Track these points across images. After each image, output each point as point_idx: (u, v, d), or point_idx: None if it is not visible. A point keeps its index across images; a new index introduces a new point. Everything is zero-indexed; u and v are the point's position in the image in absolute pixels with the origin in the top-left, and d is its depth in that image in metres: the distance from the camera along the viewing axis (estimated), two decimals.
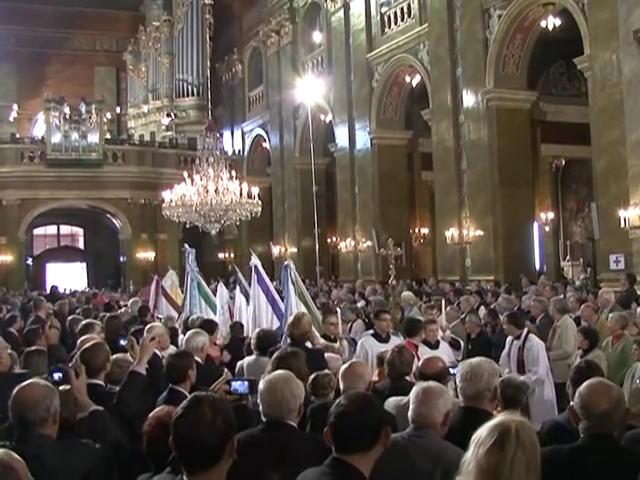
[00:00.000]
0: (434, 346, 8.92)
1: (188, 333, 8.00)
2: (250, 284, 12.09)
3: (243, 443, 3.68)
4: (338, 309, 10.80)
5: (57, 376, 5.07)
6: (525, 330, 9.43)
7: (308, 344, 8.07)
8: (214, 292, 14.31)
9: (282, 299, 11.15)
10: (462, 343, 10.46)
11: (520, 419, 2.92)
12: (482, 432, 2.82)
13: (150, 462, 3.98)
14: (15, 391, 4.13)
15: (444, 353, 8.54)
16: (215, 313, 13.10)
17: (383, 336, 9.17)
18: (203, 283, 13.94)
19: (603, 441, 3.91)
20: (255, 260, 11.72)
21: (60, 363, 6.01)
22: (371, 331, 9.88)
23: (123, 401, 5.10)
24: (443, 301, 12.08)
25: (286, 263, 11.09)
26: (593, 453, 3.87)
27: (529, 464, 2.76)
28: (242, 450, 3.12)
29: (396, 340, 8.95)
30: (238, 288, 12.90)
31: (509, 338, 9.61)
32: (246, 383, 3.91)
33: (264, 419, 4.38)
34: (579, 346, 9.11)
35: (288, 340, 8.21)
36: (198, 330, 8.07)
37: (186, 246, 14.56)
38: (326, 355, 7.33)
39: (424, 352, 8.18)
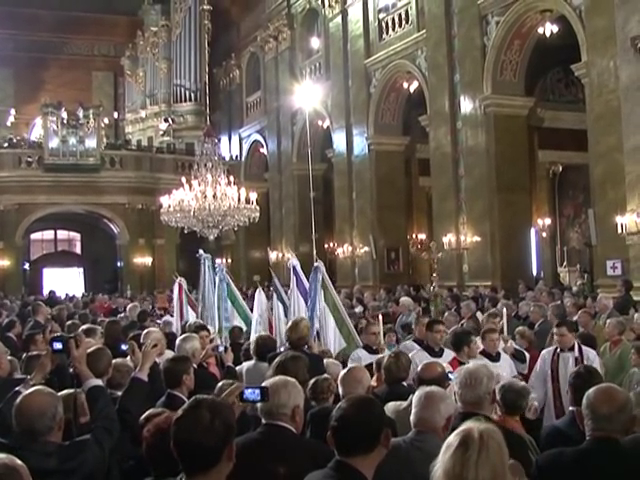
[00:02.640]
0: (495, 358, 8.12)
1: (178, 339, 8.00)
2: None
3: (241, 446, 3.69)
4: (380, 317, 9.86)
5: (57, 345, 5.05)
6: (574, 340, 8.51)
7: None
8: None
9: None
10: (527, 355, 9.21)
11: (486, 425, 2.96)
12: (449, 438, 2.88)
13: (150, 468, 3.99)
14: (19, 400, 4.13)
15: (506, 366, 8.09)
16: (246, 323, 12.22)
17: (436, 349, 8.27)
18: (234, 288, 12.80)
19: (607, 445, 3.98)
20: (294, 261, 10.74)
21: (60, 368, 5.99)
22: (409, 341, 9.38)
23: (125, 408, 5.10)
24: (505, 310, 10.47)
25: (316, 264, 10.00)
26: (596, 457, 3.95)
27: (495, 469, 2.79)
28: (240, 453, 3.14)
29: (450, 354, 8.13)
30: (275, 296, 11.61)
31: (549, 350, 8.63)
32: (257, 391, 3.91)
33: (263, 422, 4.41)
34: None
35: (287, 344, 8.21)
36: (189, 335, 8.08)
37: (201, 251, 13.54)
38: (326, 361, 7.35)
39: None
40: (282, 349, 8.56)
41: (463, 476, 2.74)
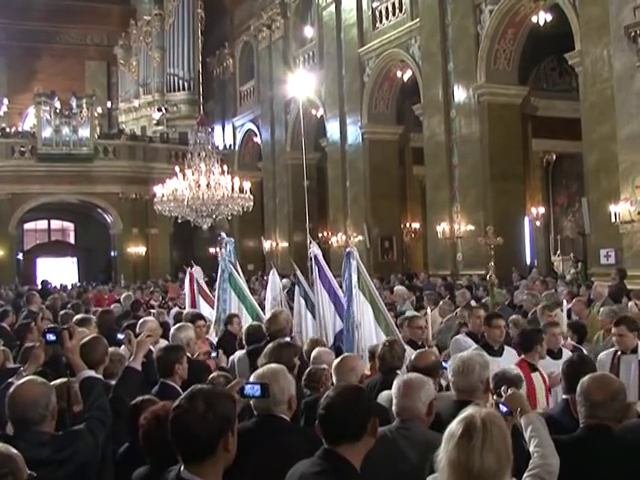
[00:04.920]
0: (556, 355, 7.29)
1: (173, 328, 7.99)
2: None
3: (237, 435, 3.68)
4: (429, 310, 9.08)
5: (50, 337, 5.05)
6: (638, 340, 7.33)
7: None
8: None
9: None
10: (585, 350, 8.24)
11: (487, 411, 2.97)
12: (451, 427, 2.87)
13: (146, 456, 4.00)
14: (12, 390, 4.14)
15: None
16: (250, 314, 11.16)
17: (495, 347, 7.40)
18: (236, 276, 11.73)
19: (600, 433, 4.02)
20: (315, 249, 9.89)
21: (54, 358, 6.00)
22: (462, 335, 8.62)
23: (119, 397, 5.10)
24: (565, 301, 9.34)
25: (348, 250, 9.02)
26: (590, 444, 3.99)
27: (499, 454, 2.79)
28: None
29: (511, 353, 7.47)
30: (297, 290, 10.70)
31: (607, 352, 7.43)
32: (257, 387, 3.92)
33: (255, 412, 4.41)
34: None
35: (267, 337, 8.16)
36: (183, 324, 8.07)
37: (223, 234, 12.95)
38: (318, 349, 7.33)
39: (546, 365, 6.92)
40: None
41: (469, 465, 2.74)
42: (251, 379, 4.46)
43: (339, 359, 5.96)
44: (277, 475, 3.77)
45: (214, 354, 7.90)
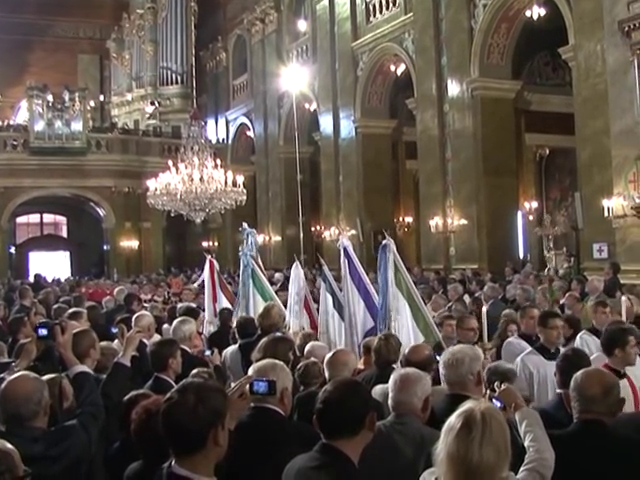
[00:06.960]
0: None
1: (174, 322, 7.96)
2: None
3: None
4: (484, 309, 7.96)
5: (42, 332, 5.02)
6: None
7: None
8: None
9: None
10: None
11: (486, 405, 2.99)
12: (450, 420, 2.87)
13: (138, 451, 3.99)
14: (4, 386, 4.12)
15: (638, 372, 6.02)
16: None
17: (552, 350, 6.71)
18: (258, 271, 11.21)
19: (594, 427, 4.03)
20: (345, 241, 9.31)
21: (48, 351, 5.97)
22: (515, 338, 7.89)
23: (107, 393, 5.08)
24: (623, 298, 8.47)
25: (385, 242, 8.48)
26: (584, 439, 4.00)
27: (498, 448, 2.80)
28: (230, 436, 3.13)
29: None
30: (324, 286, 9.89)
31: None
32: (264, 383, 3.92)
33: (252, 405, 4.40)
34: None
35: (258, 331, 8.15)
36: (185, 318, 8.05)
37: (245, 225, 12.33)
38: (312, 343, 7.33)
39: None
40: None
41: (468, 458, 2.75)
42: (250, 372, 4.45)
43: (331, 353, 5.98)
44: (270, 469, 3.76)
45: (208, 352, 7.87)
